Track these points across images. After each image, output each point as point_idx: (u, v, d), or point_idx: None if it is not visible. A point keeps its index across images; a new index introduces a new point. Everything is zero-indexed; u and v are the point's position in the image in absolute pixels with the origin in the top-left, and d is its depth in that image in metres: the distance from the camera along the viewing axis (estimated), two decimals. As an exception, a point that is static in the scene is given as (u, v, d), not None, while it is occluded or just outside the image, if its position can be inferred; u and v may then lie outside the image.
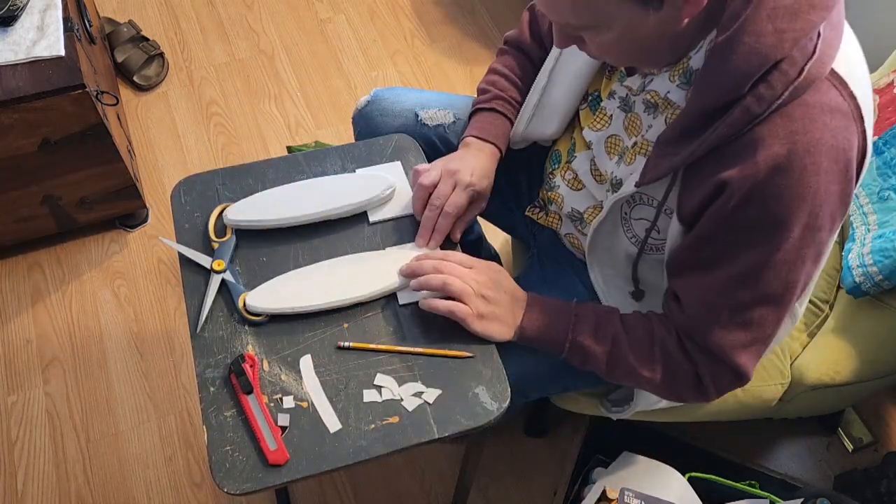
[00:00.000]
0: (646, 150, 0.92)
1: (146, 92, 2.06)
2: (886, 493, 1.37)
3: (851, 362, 1.21)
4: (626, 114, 0.95)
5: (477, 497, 1.51)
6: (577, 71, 1.04)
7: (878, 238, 1.17)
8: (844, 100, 0.78)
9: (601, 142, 1.00)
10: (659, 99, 0.89)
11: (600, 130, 1.00)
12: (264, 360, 0.96)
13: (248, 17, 2.25)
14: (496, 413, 0.93)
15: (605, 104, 0.99)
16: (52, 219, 1.66)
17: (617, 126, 0.98)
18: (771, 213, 0.79)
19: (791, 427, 1.58)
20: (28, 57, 1.38)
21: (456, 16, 2.29)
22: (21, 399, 1.59)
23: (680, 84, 0.85)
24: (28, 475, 1.51)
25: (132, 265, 1.77)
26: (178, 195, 1.10)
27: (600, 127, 1.00)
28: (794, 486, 1.38)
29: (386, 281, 1.00)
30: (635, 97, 0.93)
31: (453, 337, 0.99)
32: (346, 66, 2.16)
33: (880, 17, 1.67)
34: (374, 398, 0.94)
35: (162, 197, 1.88)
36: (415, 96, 1.24)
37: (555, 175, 1.11)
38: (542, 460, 1.55)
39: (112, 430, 1.56)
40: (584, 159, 1.04)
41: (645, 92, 0.90)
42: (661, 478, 1.22)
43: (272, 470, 0.88)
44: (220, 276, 1.01)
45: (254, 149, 1.98)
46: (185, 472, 1.52)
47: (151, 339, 1.67)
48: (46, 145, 1.46)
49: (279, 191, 1.08)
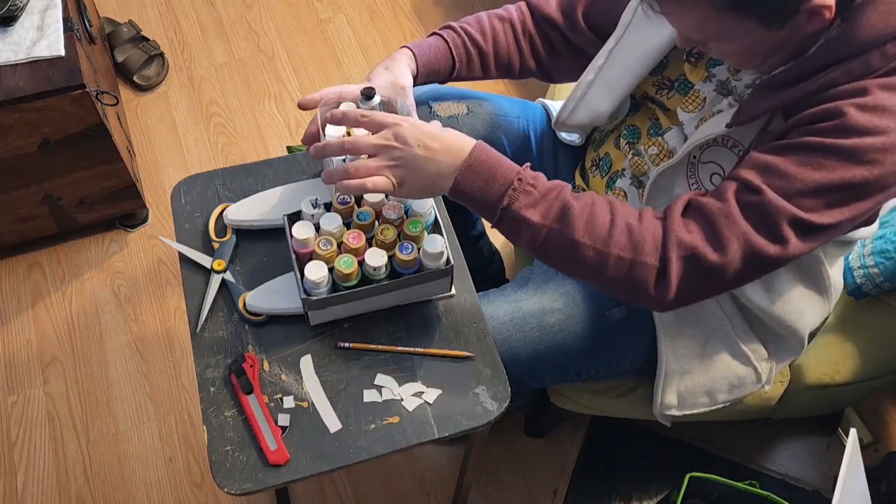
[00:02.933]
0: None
1: (146, 92, 2.06)
2: (886, 493, 1.37)
3: (851, 362, 1.21)
4: (727, 98, 0.97)
5: (477, 497, 1.51)
6: (643, 54, 1.05)
7: (878, 239, 1.17)
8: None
9: (692, 123, 1.01)
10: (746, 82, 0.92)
11: (693, 112, 1.01)
12: (264, 360, 0.96)
13: (248, 16, 2.25)
14: (496, 413, 0.94)
15: (699, 87, 1.01)
16: (52, 219, 1.66)
17: (710, 105, 0.99)
18: (862, 147, 0.78)
19: (791, 427, 1.58)
20: (28, 57, 1.38)
21: (456, 16, 2.29)
22: (21, 399, 1.59)
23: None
24: (28, 475, 1.51)
25: (132, 265, 1.77)
26: (178, 195, 1.10)
27: (693, 108, 1.01)
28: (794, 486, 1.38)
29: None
30: (737, 81, 0.95)
31: (453, 337, 0.99)
32: (346, 66, 2.15)
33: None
34: (374, 398, 0.94)
35: (162, 197, 1.88)
36: (427, 87, 1.24)
37: (637, 144, 1.10)
38: (542, 460, 1.55)
39: (112, 430, 1.56)
40: (676, 133, 1.05)
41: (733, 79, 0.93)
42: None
43: (272, 470, 0.88)
44: (220, 275, 1.01)
45: (254, 149, 1.98)
46: (185, 472, 1.52)
47: (151, 339, 1.67)
48: (46, 145, 1.46)
49: (279, 191, 1.08)
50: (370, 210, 0.97)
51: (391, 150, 0.87)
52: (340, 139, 0.90)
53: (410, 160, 0.87)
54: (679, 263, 0.83)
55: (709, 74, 0.99)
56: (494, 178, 0.86)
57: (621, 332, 1.11)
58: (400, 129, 0.87)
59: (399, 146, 0.87)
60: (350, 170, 0.87)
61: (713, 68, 0.99)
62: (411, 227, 0.95)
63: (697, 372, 1.09)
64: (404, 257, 0.93)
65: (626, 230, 0.85)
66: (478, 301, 1.03)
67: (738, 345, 1.07)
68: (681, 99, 1.03)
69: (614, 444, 1.51)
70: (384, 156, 0.87)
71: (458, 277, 1.03)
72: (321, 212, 0.96)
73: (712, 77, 0.99)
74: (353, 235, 0.94)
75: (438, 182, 0.87)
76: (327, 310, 0.95)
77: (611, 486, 1.47)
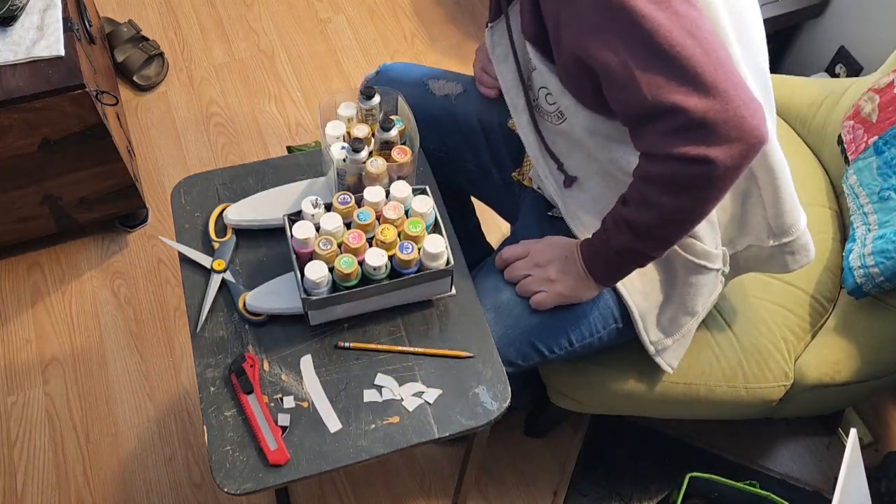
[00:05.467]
0: None
1: (146, 92, 2.06)
2: (886, 493, 1.37)
3: (852, 362, 1.21)
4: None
5: (477, 497, 1.51)
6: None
7: (878, 239, 1.17)
8: None
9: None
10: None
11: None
12: (264, 360, 0.96)
13: (248, 17, 2.25)
14: (496, 413, 0.94)
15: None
16: (52, 219, 1.66)
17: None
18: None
19: (791, 427, 1.58)
20: (28, 57, 1.37)
21: (456, 16, 2.29)
22: (21, 399, 1.59)
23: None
24: (28, 475, 1.51)
25: (132, 265, 1.77)
26: (178, 195, 1.10)
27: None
28: (794, 486, 1.38)
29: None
30: None
31: (453, 337, 0.99)
32: (346, 66, 2.15)
33: (880, 17, 1.67)
34: (375, 398, 0.94)
35: (162, 197, 1.88)
36: (424, 69, 1.27)
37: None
38: (542, 460, 1.55)
39: (112, 430, 1.56)
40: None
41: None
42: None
43: (272, 470, 0.88)
44: (220, 275, 1.01)
45: (254, 149, 1.98)
46: (185, 472, 1.52)
47: (151, 339, 1.67)
48: (46, 145, 1.46)
49: (279, 191, 1.08)
50: (370, 210, 0.97)
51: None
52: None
53: (565, 270, 1.06)
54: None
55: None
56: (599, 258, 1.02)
57: None
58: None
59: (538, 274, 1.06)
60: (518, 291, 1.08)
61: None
62: (411, 227, 0.95)
63: (666, 298, 1.10)
64: (404, 257, 0.93)
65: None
66: (478, 301, 1.03)
67: (683, 254, 1.06)
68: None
69: (614, 444, 1.52)
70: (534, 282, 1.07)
71: (458, 277, 1.03)
72: (321, 212, 0.96)
73: None
74: (353, 235, 0.94)
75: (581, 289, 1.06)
76: (327, 310, 0.95)
77: (611, 486, 1.47)
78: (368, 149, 1.02)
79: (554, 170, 1.09)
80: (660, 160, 0.87)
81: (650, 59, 0.81)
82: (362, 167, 1.00)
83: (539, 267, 1.06)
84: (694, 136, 0.82)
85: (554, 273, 1.05)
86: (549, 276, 1.05)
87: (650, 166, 0.89)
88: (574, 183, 1.08)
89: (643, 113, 0.84)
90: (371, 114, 1.05)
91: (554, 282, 1.05)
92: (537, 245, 1.08)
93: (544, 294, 1.05)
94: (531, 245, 1.09)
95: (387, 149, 1.03)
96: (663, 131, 0.84)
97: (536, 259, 1.06)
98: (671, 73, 0.81)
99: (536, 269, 1.06)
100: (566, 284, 1.05)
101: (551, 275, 1.05)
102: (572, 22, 0.87)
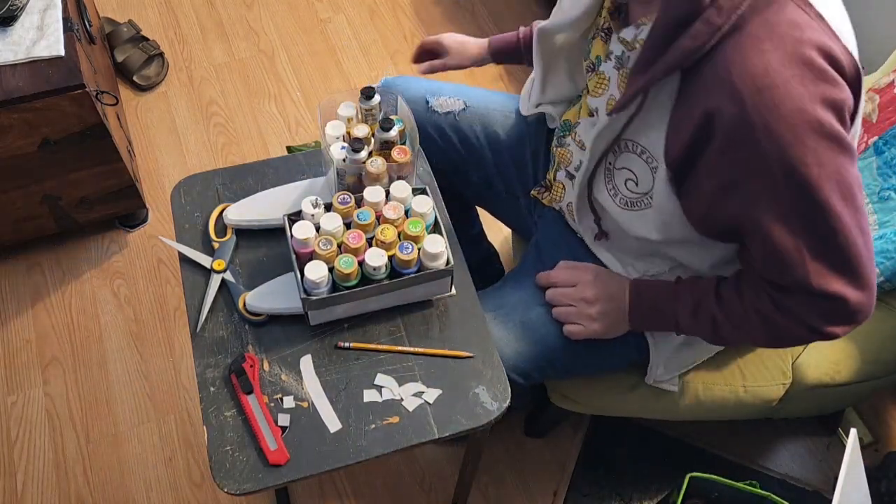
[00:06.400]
0: None
1: (146, 92, 2.06)
2: (886, 492, 1.37)
3: (852, 362, 1.21)
4: (619, 71, 0.95)
5: (477, 497, 1.51)
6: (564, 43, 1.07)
7: (878, 239, 1.17)
8: (811, 18, 0.77)
9: (603, 104, 0.99)
10: None
11: (601, 96, 0.99)
12: (264, 360, 0.96)
13: (248, 17, 2.25)
14: (496, 413, 0.94)
15: (603, 67, 0.99)
16: (52, 219, 1.66)
17: (613, 86, 0.97)
18: (773, 136, 0.76)
19: (791, 427, 1.58)
20: (28, 57, 1.37)
21: (456, 16, 2.29)
22: (21, 399, 1.59)
23: None
24: (28, 475, 1.51)
25: (132, 265, 1.77)
26: (178, 195, 1.10)
27: (601, 92, 0.99)
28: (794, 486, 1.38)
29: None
30: (630, 52, 0.92)
31: (453, 337, 0.99)
32: (346, 66, 2.15)
33: (880, 17, 1.67)
34: (375, 398, 0.94)
35: (162, 197, 1.88)
36: (425, 84, 1.25)
37: (566, 137, 1.11)
38: (542, 460, 1.55)
39: (112, 431, 1.56)
40: (586, 125, 1.05)
41: (637, 40, 0.89)
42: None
43: (272, 470, 0.88)
44: (220, 275, 1.01)
45: (254, 149, 1.98)
46: (185, 472, 1.52)
47: (151, 340, 1.67)
48: (46, 145, 1.46)
49: (279, 191, 1.08)
50: (370, 210, 0.97)
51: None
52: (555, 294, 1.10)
53: (609, 309, 1.06)
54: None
55: (608, 52, 0.97)
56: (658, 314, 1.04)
57: None
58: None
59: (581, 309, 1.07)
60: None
61: (611, 45, 0.97)
62: (411, 227, 0.95)
63: (685, 343, 1.13)
64: (404, 257, 0.93)
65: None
66: (478, 301, 1.03)
67: None
68: (593, 82, 1.02)
69: (614, 444, 1.52)
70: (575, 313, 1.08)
71: (458, 277, 1.03)
72: (321, 212, 0.96)
73: (611, 54, 0.97)
74: (353, 235, 0.94)
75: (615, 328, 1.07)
76: (327, 310, 0.95)
77: (611, 486, 1.47)
78: (368, 149, 1.02)
79: (590, 221, 1.08)
80: (796, 320, 0.90)
81: (826, 251, 0.83)
82: (362, 167, 1.00)
83: (585, 302, 1.06)
84: (841, 319, 0.89)
85: (596, 312, 1.05)
86: (591, 313, 1.06)
87: (780, 314, 0.91)
88: (605, 237, 1.08)
89: (797, 288, 0.87)
90: (371, 114, 1.05)
91: (594, 320, 1.06)
92: (587, 276, 1.07)
93: (581, 328, 1.07)
94: (582, 276, 1.08)
95: (387, 149, 1.03)
96: (818, 311, 0.88)
97: (584, 294, 1.06)
98: (840, 267, 0.84)
99: (582, 303, 1.06)
100: (603, 325, 1.06)
101: (594, 313, 1.05)
102: (750, 189, 0.82)
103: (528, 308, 1.10)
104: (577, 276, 1.08)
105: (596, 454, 1.50)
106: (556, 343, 1.09)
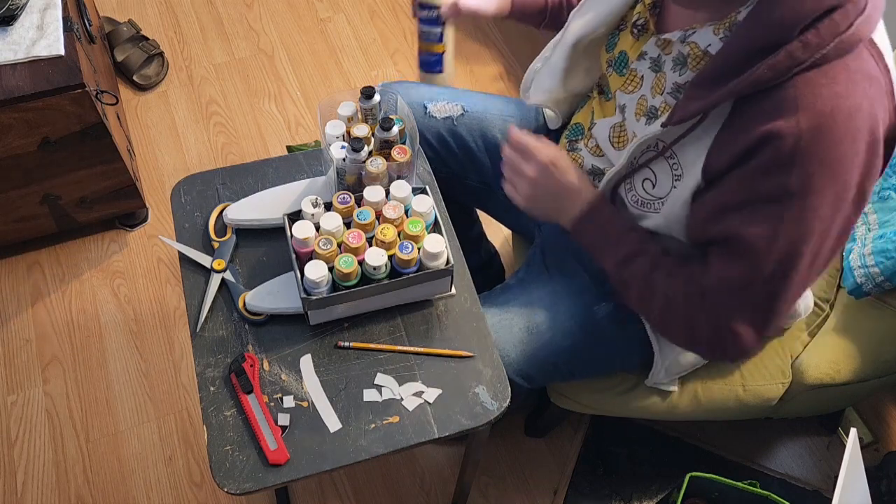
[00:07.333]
0: (669, 109, 0.91)
1: (146, 91, 2.06)
2: (887, 492, 1.37)
3: (852, 362, 1.21)
4: (656, 74, 0.94)
5: (477, 497, 1.51)
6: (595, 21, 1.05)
7: (878, 238, 1.17)
8: (881, 73, 0.78)
9: (633, 103, 0.99)
10: (698, 51, 0.87)
11: (633, 93, 0.98)
12: (264, 359, 0.96)
13: (248, 16, 2.25)
14: (496, 413, 0.93)
15: (635, 65, 0.98)
16: (52, 218, 1.66)
17: (646, 87, 0.96)
18: (808, 175, 0.77)
19: (791, 427, 1.58)
20: (28, 56, 1.37)
21: (456, 15, 2.29)
22: (21, 399, 1.59)
23: (724, 37, 0.84)
24: (28, 475, 1.51)
25: (132, 265, 1.77)
26: (178, 195, 1.10)
27: (633, 89, 0.98)
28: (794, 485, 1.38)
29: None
30: (667, 56, 0.92)
31: (453, 337, 0.99)
32: (345, 66, 2.15)
33: (880, 17, 1.67)
34: (374, 398, 0.94)
35: (162, 197, 1.88)
36: (423, 89, 1.25)
37: (578, 142, 1.11)
38: (542, 460, 1.55)
39: (112, 430, 1.56)
40: (604, 126, 1.04)
41: (685, 43, 0.88)
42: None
43: (272, 470, 0.88)
44: (220, 275, 1.01)
45: (254, 149, 1.98)
46: (185, 472, 1.52)
47: (151, 340, 1.67)
48: (46, 145, 1.46)
49: (279, 190, 1.08)
50: (370, 210, 0.97)
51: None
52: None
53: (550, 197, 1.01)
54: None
55: (642, 52, 0.96)
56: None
57: (609, 328, 1.11)
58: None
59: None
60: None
61: (645, 45, 0.96)
62: (411, 227, 0.95)
63: (687, 353, 1.13)
64: (404, 257, 0.93)
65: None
66: (478, 300, 1.03)
67: None
68: (619, 80, 1.01)
69: (614, 444, 1.52)
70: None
71: (458, 277, 1.03)
72: (321, 211, 0.96)
73: (644, 54, 0.96)
74: (353, 235, 0.94)
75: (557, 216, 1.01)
76: (327, 309, 0.95)
77: (611, 486, 1.47)
78: (368, 148, 1.02)
79: None
80: (690, 326, 0.91)
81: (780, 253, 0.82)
82: (362, 167, 1.00)
83: (536, 164, 0.99)
84: (725, 354, 0.91)
85: (534, 177, 0.99)
86: (530, 176, 0.99)
87: (685, 311, 0.91)
88: None
89: (718, 309, 0.88)
90: (371, 113, 1.05)
91: (528, 184, 1.00)
92: (562, 154, 1.00)
93: (511, 188, 1.02)
94: (558, 153, 1.00)
95: (386, 148, 1.03)
96: (716, 335, 0.89)
97: (542, 156, 0.99)
98: (761, 308, 0.86)
99: (532, 163, 0.99)
100: (532, 196, 1.00)
101: (532, 176, 0.99)
102: (759, 210, 0.83)
103: (533, 312, 1.10)
104: (555, 151, 1.00)
105: (596, 454, 1.50)
106: (561, 347, 1.09)
